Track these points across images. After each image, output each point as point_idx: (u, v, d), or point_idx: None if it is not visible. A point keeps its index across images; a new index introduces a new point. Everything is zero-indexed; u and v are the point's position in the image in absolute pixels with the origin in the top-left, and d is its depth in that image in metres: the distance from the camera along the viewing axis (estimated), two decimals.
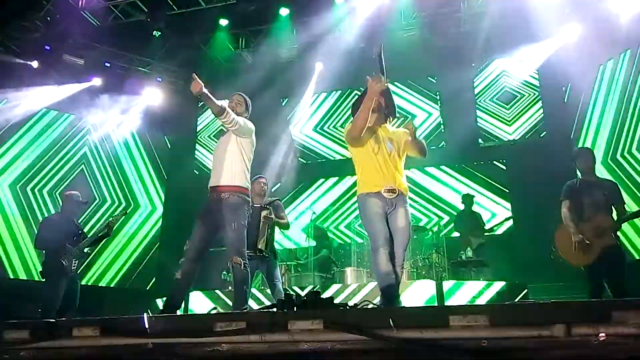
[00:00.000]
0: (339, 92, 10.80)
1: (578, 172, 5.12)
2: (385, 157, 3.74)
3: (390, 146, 3.78)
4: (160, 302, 7.70)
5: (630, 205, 6.42)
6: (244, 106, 4.30)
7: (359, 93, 3.40)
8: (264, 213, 5.40)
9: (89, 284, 9.27)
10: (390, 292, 3.48)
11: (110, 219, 6.06)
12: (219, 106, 3.94)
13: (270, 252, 5.47)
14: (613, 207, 4.68)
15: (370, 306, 2.94)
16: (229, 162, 4.06)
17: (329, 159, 10.60)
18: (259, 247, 5.33)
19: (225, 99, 4.16)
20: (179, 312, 4.00)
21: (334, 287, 7.12)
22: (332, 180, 10.40)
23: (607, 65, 8.15)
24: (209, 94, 3.87)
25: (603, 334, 1.80)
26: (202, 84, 3.79)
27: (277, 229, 5.73)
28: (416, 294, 6.42)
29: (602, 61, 8.20)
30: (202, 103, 10.28)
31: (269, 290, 5.84)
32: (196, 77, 3.83)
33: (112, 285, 9.63)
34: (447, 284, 6.47)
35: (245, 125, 4.16)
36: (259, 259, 5.34)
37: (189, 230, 4.16)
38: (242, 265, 3.93)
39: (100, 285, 9.48)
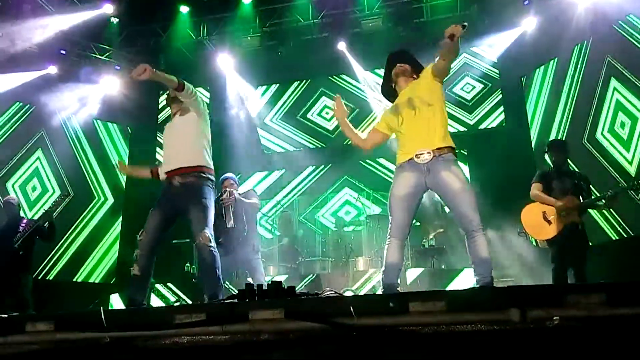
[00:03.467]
0: (302, 82, 10.75)
1: (550, 163, 5.27)
2: (410, 118, 3.40)
3: (412, 104, 3.40)
4: (114, 298, 7.56)
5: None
6: None
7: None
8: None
9: (48, 278, 9.05)
10: (386, 285, 3.31)
11: (49, 206, 6.01)
12: (176, 80, 3.77)
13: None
14: (581, 195, 4.89)
15: (331, 294, 2.95)
16: (189, 143, 3.92)
17: (293, 149, 10.56)
18: (229, 225, 5.25)
19: None
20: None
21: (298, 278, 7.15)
22: (295, 170, 10.38)
23: (563, 56, 8.35)
24: (161, 73, 3.70)
25: (557, 317, 1.85)
26: (148, 67, 3.55)
27: None
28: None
29: (559, 51, 8.39)
30: (163, 91, 10.11)
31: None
32: (141, 67, 3.57)
33: (68, 280, 9.35)
34: None
35: (202, 100, 4.07)
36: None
37: None
38: (212, 244, 3.71)
39: (55, 279, 9.19)
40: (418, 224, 8.21)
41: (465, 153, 9.42)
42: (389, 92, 3.76)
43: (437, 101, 3.41)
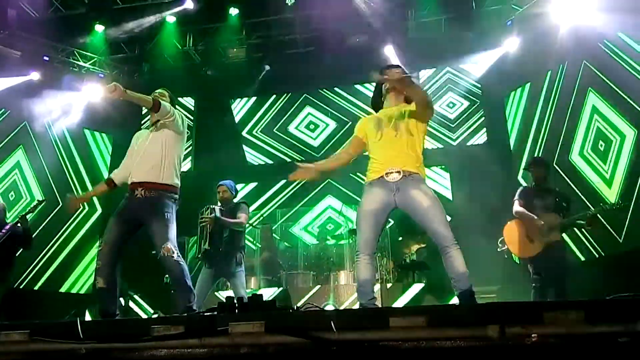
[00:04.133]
0: (286, 95, 10.80)
1: (532, 180, 5.33)
2: (390, 139, 3.42)
3: (397, 126, 3.42)
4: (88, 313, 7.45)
5: None
6: (167, 99, 4.04)
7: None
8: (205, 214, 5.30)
9: (34, 288, 8.97)
10: (364, 303, 3.24)
11: (23, 213, 5.86)
12: (151, 100, 3.75)
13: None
14: (561, 213, 4.97)
15: (312, 308, 2.94)
16: (159, 160, 3.85)
17: (276, 161, 10.56)
18: (203, 247, 5.22)
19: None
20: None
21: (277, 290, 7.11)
22: (281, 182, 10.36)
23: (544, 77, 8.49)
24: (133, 93, 3.64)
25: (535, 335, 1.86)
26: (119, 86, 3.49)
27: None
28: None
29: (540, 72, 8.54)
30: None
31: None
32: (112, 85, 3.50)
33: (53, 290, 9.19)
34: None
35: (181, 117, 4.01)
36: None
37: None
38: (175, 255, 3.67)
39: (40, 289, 9.03)
40: (400, 238, 8.24)
41: (448, 168, 9.50)
42: (377, 105, 3.77)
43: (418, 135, 3.46)
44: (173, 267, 3.68)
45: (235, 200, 5.62)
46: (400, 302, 6.58)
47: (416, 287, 6.79)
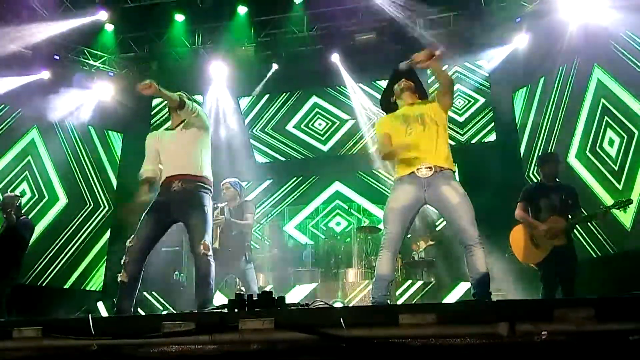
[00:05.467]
0: (295, 92, 10.80)
1: (540, 176, 5.25)
2: (419, 133, 3.42)
3: (424, 120, 3.45)
4: (101, 305, 7.52)
5: None
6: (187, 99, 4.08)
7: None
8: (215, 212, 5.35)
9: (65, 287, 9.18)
10: (376, 297, 3.29)
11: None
12: (177, 98, 3.79)
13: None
14: (569, 211, 4.86)
15: (321, 305, 2.94)
16: (192, 154, 3.88)
17: (284, 159, 10.57)
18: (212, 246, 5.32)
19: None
20: None
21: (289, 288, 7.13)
22: (287, 180, 10.37)
23: (552, 74, 8.44)
24: (165, 91, 3.71)
25: (545, 332, 1.86)
26: (154, 83, 3.58)
27: None
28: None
29: (549, 69, 8.48)
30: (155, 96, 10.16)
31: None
32: (148, 82, 3.59)
33: (57, 286, 9.27)
34: None
35: (203, 112, 4.05)
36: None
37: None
38: (210, 253, 3.69)
39: (46, 285, 9.12)
40: (409, 236, 8.22)
41: (456, 166, 9.45)
42: (388, 105, 3.77)
43: (442, 124, 3.48)
44: (204, 265, 3.69)
45: (240, 199, 5.66)
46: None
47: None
